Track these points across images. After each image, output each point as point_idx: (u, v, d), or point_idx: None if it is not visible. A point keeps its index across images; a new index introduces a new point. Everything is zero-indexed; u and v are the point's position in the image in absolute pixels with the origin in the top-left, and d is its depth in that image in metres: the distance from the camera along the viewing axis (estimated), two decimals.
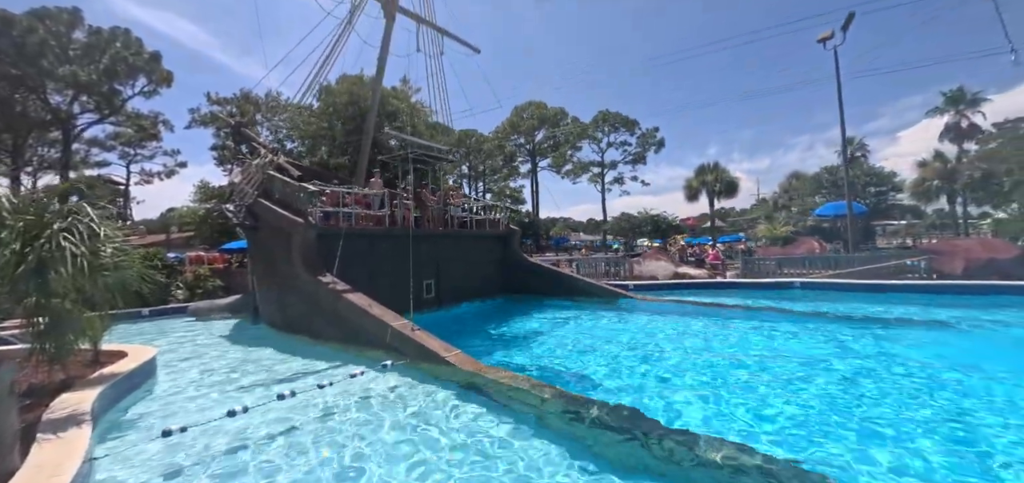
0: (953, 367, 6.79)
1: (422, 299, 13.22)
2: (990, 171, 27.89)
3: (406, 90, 34.38)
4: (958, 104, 35.51)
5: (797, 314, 11.31)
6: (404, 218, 12.96)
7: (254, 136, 18.77)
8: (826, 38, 21.41)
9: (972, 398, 5.60)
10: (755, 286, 16.43)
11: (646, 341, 9.53)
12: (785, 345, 8.67)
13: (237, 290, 17.45)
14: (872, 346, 8.21)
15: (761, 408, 5.53)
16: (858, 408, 5.39)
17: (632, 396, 6.18)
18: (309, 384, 6.45)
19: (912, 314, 10.92)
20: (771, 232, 33.13)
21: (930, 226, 39.66)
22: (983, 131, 34.77)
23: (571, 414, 5.17)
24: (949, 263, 15.20)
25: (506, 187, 56.35)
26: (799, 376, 6.65)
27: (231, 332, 12.11)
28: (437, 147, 16.13)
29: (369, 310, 8.47)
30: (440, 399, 6.01)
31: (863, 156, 40.08)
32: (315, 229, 10.47)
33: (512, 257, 17.15)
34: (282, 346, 9.62)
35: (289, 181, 11.55)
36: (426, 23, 19.05)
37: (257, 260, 12.88)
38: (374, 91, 18.68)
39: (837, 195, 36.39)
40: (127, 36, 30.84)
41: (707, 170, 37.89)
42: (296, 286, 10.25)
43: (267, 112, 35.31)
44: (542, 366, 8.06)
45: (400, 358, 7.52)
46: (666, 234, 51.29)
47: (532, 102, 53.54)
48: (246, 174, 13.19)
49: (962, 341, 8.44)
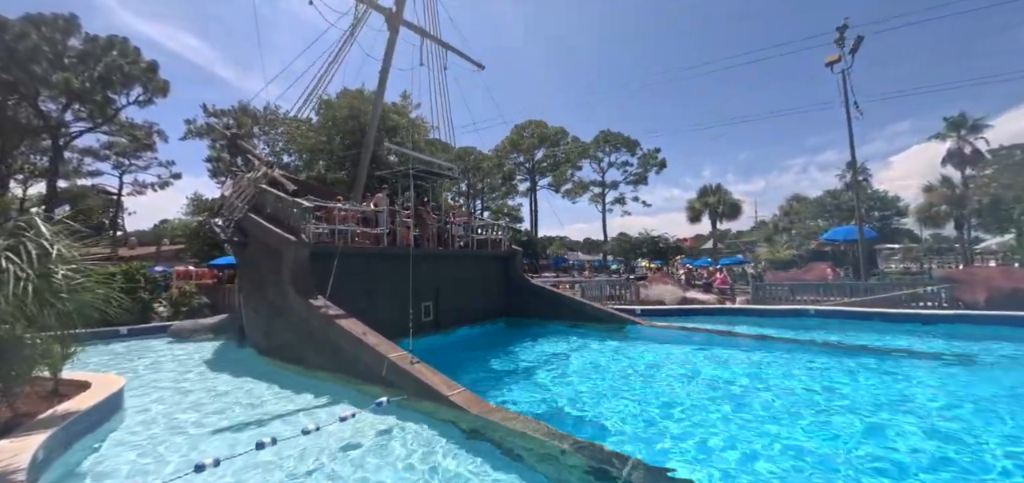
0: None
1: (420, 322, 12.45)
2: (998, 197, 27.56)
3: (406, 105, 33.96)
4: (960, 129, 35.47)
5: (815, 345, 10.59)
6: (403, 237, 12.26)
7: (250, 148, 18.11)
8: (834, 61, 21.16)
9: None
10: (767, 313, 15.72)
11: (664, 375, 8.77)
12: (824, 385, 7.93)
13: (224, 309, 16.60)
14: (907, 384, 7.50)
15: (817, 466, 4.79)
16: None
17: (656, 443, 5.42)
18: (293, 429, 5.65)
19: (939, 346, 10.29)
20: (772, 255, 32.60)
21: (928, 250, 39.32)
22: (985, 157, 34.71)
23: (597, 473, 4.42)
24: (971, 292, 14.57)
25: (504, 205, 55.86)
26: (853, 426, 5.91)
27: (213, 357, 11.25)
28: (439, 163, 15.52)
29: (364, 339, 7.69)
30: (442, 450, 5.22)
31: (866, 180, 39.86)
32: (308, 247, 9.73)
33: (514, 278, 16.43)
34: (268, 376, 8.80)
35: (282, 196, 10.84)
36: (430, 37, 18.60)
37: (245, 279, 12.10)
38: (375, 105, 18.12)
39: (841, 219, 36.03)
40: (124, 45, 30.37)
41: (710, 192, 37.53)
42: (285, 309, 9.47)
43: (265, 125, 34.81)
44: (553, 404, 7.30)
45: (397, 394, 6.74)
46: (665, 255, 50.75)
47: (532, 121, 53.40)
48: (237, 187, 12.49)
49: (991, 378, 7.73)
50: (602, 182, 51.73)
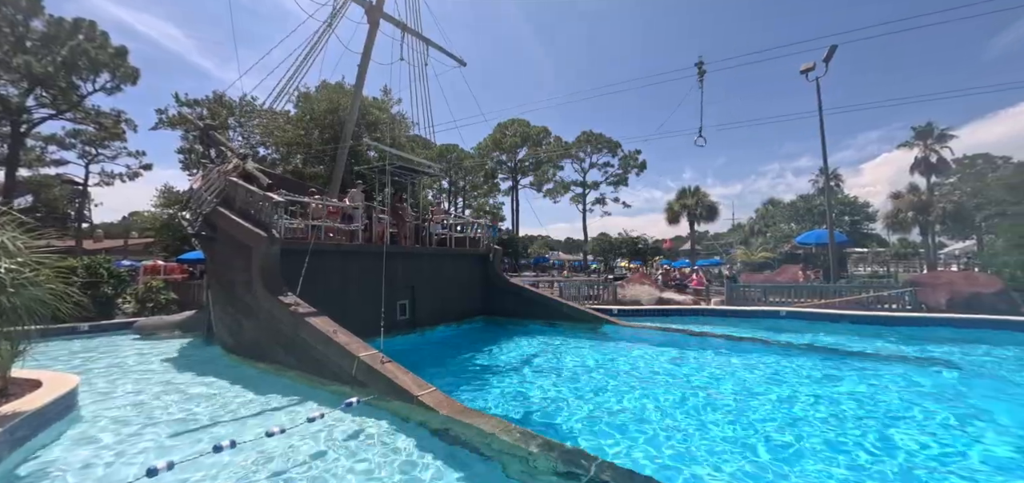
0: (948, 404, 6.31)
1: (396, 321, 12.30)
2: (961, 204, 28.69)
3: (387, 101, 33.52)
4: (927, 139, 36.83)
5: (788, 347, 10.81)
6: (379, 234, 12.07)
7: (223, 140, 17.60)
8: (808, 69, 21.64)
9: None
10: (740, 314, 16.03)
11: (637, 375, 8.83)
12: (784, 384, 8.08)
13: (191, 305, 16.10)
14: (874, 385, 7.71)
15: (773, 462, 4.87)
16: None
17: (627, 444, 5.45)
18: (256, 431, 5.48)
19: (903, 349, 10.66)
20: (748, 257, 33.31)
21: (895, 254, 40.74)
22: (950, 165, 36.14)
23: (564, 473, 4.42)
24: (934, 295, 15.12)
25: (485, 204, 55.72)
26: (809, 424, 6.03)
27: (178, 355, 10.88)
28: (418, 161, 15.35)
29: (334, 337, 7.52)
30: (410, 451, 5.13)
31: (837, 186, 41.02)
32: (279, 243, 9.48)
33: (493, 278, 16.37)
34: (234, 375, 8.55)
35: (253, 190, 10.53)
36: (411, 32, 18.36)
37: (213, 274, 11.74)
38: (354, 98, 17.83)
39: (812, 223, 37.02)
40: (91, 28, 29.15)
41: (688, 194, 38.03)
42: (253, 306, 9.21)
43: (240, 116, 33.89)
44: (526, 404, 7.27)
45: (367, 394, 6.62)
46: (644, 256, 51.38)
47: (515, 120, 53.34)
48: (206, 179, 12.10)
49: (956, 379, 8.02)
50: (583, 182, 52.06)
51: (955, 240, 37.54)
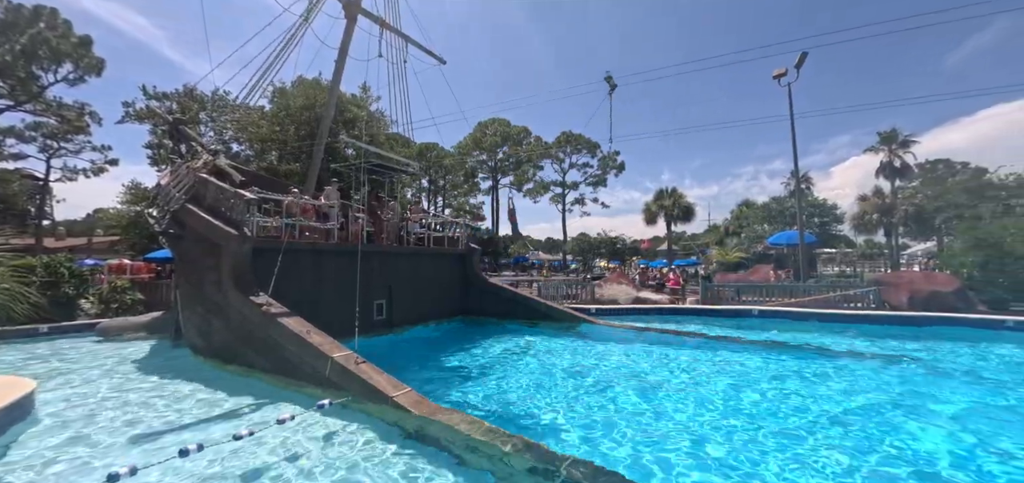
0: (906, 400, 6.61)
1: (372, 321, 12.16)
2: (922, 207, 29.92)
3: (365, 98, 33.07)
4: (891, 143, 38.28)
5: (756, 344, 11.12)
6: (355, 233, 11.91)
7: (194, 135, 17.07)
8: (780, 75, 22.25)
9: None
10: (714, 312, 16.37)
11: (612, 373, 8.93)
12: (754, 380, 8.30)
13: (159, 306, 15.59)
14: (840, 382, 7.99)
15: (736, 453, 5.00)
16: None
17: (600, 442, 5.51)
18: (223, 434, 5.35)
19: (864, 345, 11.07)
20: (723, 257, 34.03)
21: (862, 255, 42.21)
22: (913, 170, 37.66)
23: (538, 471, 4.45)
24: (896, 294, 15.73)
25: (465, 203, 55.53)
26: (775, 418, 6.21)
27: (144, 357, 10.52)
28: (396, 158, 15.20)
29: (307, 338, 7.39)
30: (384, 452, 5.08)
31: (808, 188, 42.25)
32: (250, 241, 9.26)
33: (471, 277, 16.33)
34: (203, 378, 8.31)
35: (223, 186, 10.25)
36: (390, 28, 18.16)
37: (181, 274, 11.39)
38: (330, 95, 17.57)
39: (784, 224, 38.06)
40: (52, 15, 27.91)
41: (665, 195, 38.66)
42: (224, 306, 8.97)
43: (212, 111, 32.93)
44: (503, 403, 7.28)
45: (341, 395, 6.53)
46: (623, 256, 52.02)
47: (496, 119, 53.30)
48: (175, 176, 11.73)
49: (917, 375, 8.38)
50: (563, 182, 52.33)
51: (917, 241, 39.08)
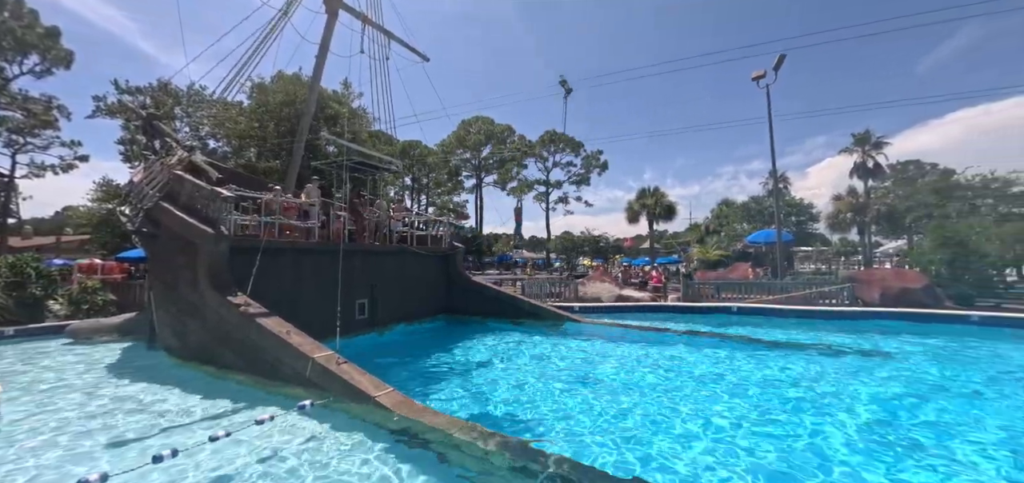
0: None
1: (354, 321, 12.01)
2: (893, 206, 30.89)
3: (347, 94, 32.62)
4: (865, 145, 39.41)
5: (738, 340, 11.34)
6: (337, 231, 11.74)
7: (168, 131, 16.58)
8: (759, 77, 22.69)
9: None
10: (695, 310, 16.63)
11: (595, 371, 9.00)
12: (732, 375, 8.46)
13: (132, 307, 15.12)
14: (819, 375, 8.20)
15: (715, 449, 5.09)
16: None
17: (583, 439, 5.55)
18: (199, 437, 5.22)
19: (839, 341, 11.36)
20: (703, 255, 34.55)
21: (837, 253, 43.38)
22: (885, 170, 38.87)
23: (521, 469, 4.46)
24: (868, 291, 16.21)
25: (449, 201, 55.31)
26: (757, 416, 6.34)
27: (117, 360, 10.20)
28: (378, 156, 15.02)
29: (287, 338, 7.26)
30: (366, 452, 5.03)
31: (785, 188, 43.20)
32: (227, 240, 9.04)
33: (454, 276, 16.26)
34: (179, 380, 8.10)
35: (199, 184, 9.98)
36: (372, 24, 17.92)
37: (155, 274, 11.07)
38: (311, 91, 17.21)
39: (763, 222, 38.86)
40: (17, 5, 26.81)
41: (647, 194, 38.99)
42: (200, 306, 8.74)
43: (188, 106, 32.08)
44: (486, 402, 7.28)
45: (322, 396, 6.43)
46: (606, 254, 52.43)
47: (479, 117, 53.21)
48: (148, 172, 11.39)
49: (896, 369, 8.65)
50: (546, 181, 52.50)
51: (889, 239, 40.30)
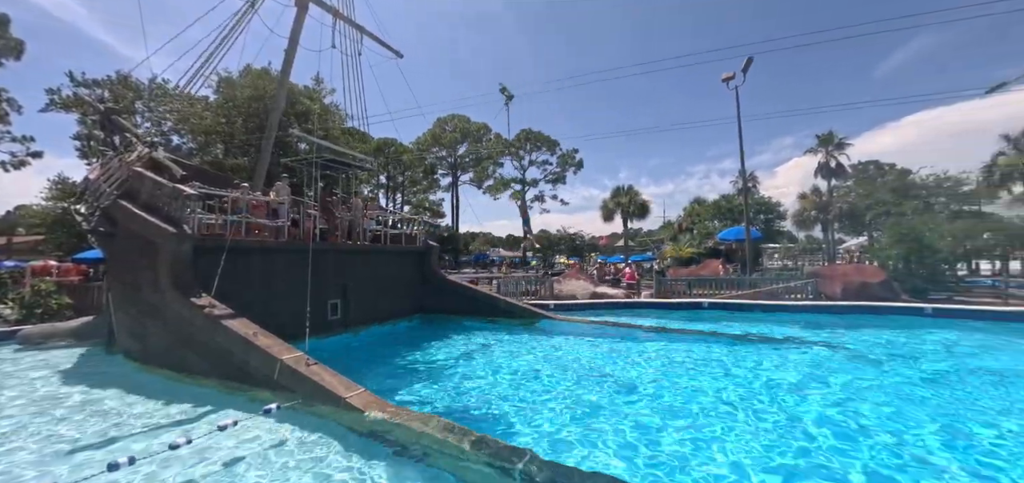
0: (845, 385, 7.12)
1: (326, 321, 11.78)
2: (854, 204, 32.22)
3: (319, 90, 31.93)
4: (828, 145, 40.98)
5: (709, 335, 11.62)
6: (308, 230, 11.48)
7: (128, 126, 15.89)
8: (729, 78, 23.31)
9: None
10: (668, 306, 16.95)
11: (571, 368, 9.07)
12: (700, 369, 8.67)
13: (90, 311, 14.45)
14: (783, 367, 8.49)
15: (694, 446, 5.21)
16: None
17: (559, 436, 5.59)
18: (159, 444, 5.03)
19: (803, 334, 11.80)
20: (676, 252, 35.27)
21: (803, 249, 44.97)
22: (847, 170, 40.54)
23: (496, 468, 4.46)
24: (830, 286, 16.86)
25: (425, 200, 54.85)
26: (723, 408, 6.52)
27: (73, 366, 9.72)
28: (351, 154, 14.76)
29: (254, 340, 7.06)
30: (337, 455, 4.94)
31: (754, 187, 44.45)
32: (191, 240, 8.73)
33: (430, 275, 16.13)
34: (139, 386, 7.78)
35: (161, 181, 9.61)
36: (343, 18, 17.59)
37: (114, 275, 10.60)
38: (280, 86, 16.80)
39: (733, 220, 39.88)
40: None
41: (622, 193, 39.57)
42: (162, 308, 8.42)
43: (150, 100, 30.79)
44: (461, 401, 7.25)
45: (290, 399, 6.28)
46: (582, 252, 52.98)
47: (455, 115, 52.93)
48: (105, 169, 10.90)
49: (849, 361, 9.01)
50: (523, 180, 52.62)
51: (851, 236, 42.01)
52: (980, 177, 29.66)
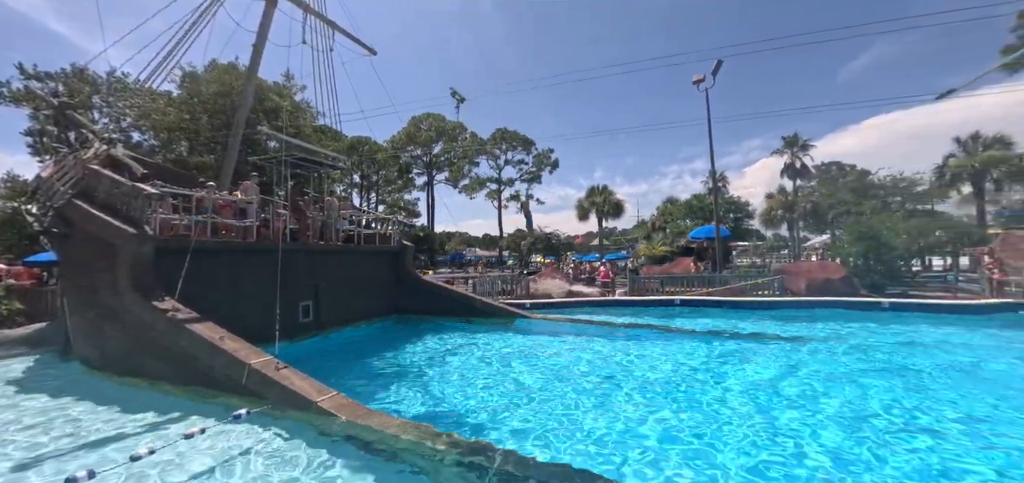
0: None
1: (298, 324, 11.53)
2: (818, 204, 33.52)
3: (289, 87, 31.15)
4: (793, 147, 42.47)
5: (679, 332, 11.91)
6: (277, 230, 11.20)
7: (84, 122, 15.15)
8: (699, 80, 23.86)
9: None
10: (641, 303, 17.25)
11: (544, 366, 9.16)
12: (669, 364, 8.87)
13: (44, 316, 13.73)
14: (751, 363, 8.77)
15: (666, 439, 5.34)
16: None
17: (536, 434, 5.64)
18: (120, 454, 4.83)
19: (768, 328, 12.21)
20: (649, 251, 35.94)
21: (770, 247, 46.48)
22: (811, 171, 42.15)
23: (470, 467, 4.47)
24: (795, 282, 17.49)
25: (400, 199, 54.23)
26: (698, 399, 6.70)
27: (25, 375, 9.22)
28: (322, 152, 14.45)
29: (220, 344, 6.85)
30: (308, 461, 4.85)
31: (723, 186, 45.68)
32: (153, 241, 8.40)
33: (404, 275, 15.96)
34: (98, 394, 7.45)
35: (119, 179, 9.20)
36: (314, 13, 17.18)
37: (70, 278, 10.10)
38: (247, 81, 16.27)
39: (704, 219, 40.90)
40: None
41: (596, 192, 40.11)
42: (121, 313, 8.07)
43: (108, 95, 29.42)
44: (437, 402, 7.22)
45: (259, 404, 6.12)
46: (558, 251, 53.30)
47: (430, 114, 52.47)
48: (59, 167, 10.37)
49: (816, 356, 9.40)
50: (498, 179, 52.61)
51: (815, 234, 43.68)
52: (932, 178, 31.35)
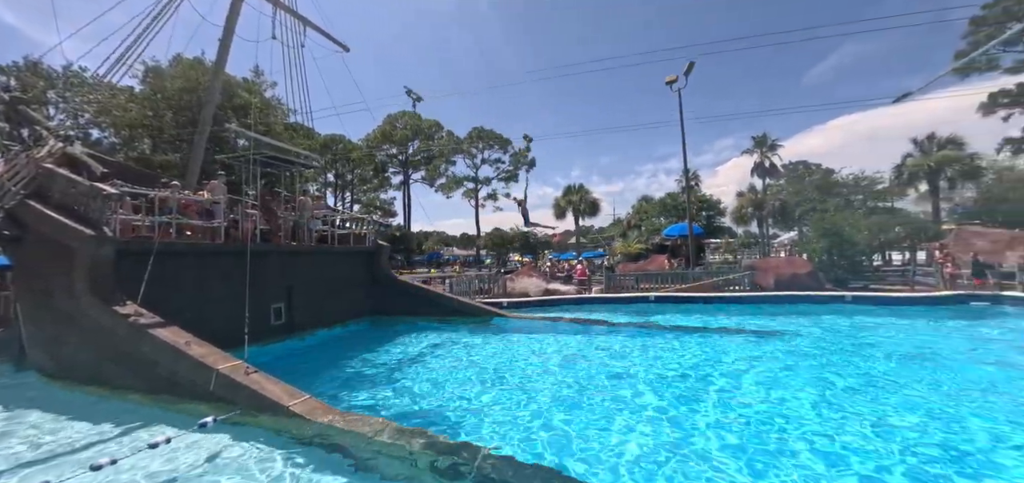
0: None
1: (269, 327, 11.24)
2: (786, 201, 34.65)
3: (259, 83, 30.31)
4: (762, 146, 43.78)
5: (653, 328, 12.16)
6: (247, 231, 10.89)
7: (38, 118, 14.41)
8: (672, 81, 24.32)
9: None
10: (617, 300, 17.52)
11: (520, 365, 9.20)
12: (645, 360, 9.04)
13: None
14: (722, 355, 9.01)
15: (643, 435, 5.43)
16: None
17: (513, 433, 5.66)
18: (79, 466, 4.62)
19: (739, 322, 12.60)
20: (625, 249, 36.47)
21: (741, 244, 47.80)
22: (779, 170, 43.56)
23: (447, 468, 4.45)
24: (765, 278, 18.03)
25: (376, 199, 53.47)
26: (679, 398, 6.84)
27: None
28: (294, 151, 14.12)
29: (186, 350, 6.62)
30: (281, 467, 4.74)
31: (696, 185, 46.70)
32: (113, 243, 8.05)
33: (380, 275, 15.75)
34: (55, 404, 7.10)
35: (75, 178, 8.78)
36: (283, 8, 16.78)
37: (23, 283, 9.58)
38: (214, 77, 15.80)
39: (677, 217, 41.75)
40: None
41: (573, 191, 40.48)
42: (79, 318, 7.71)
43: (65, 90, 28.04)
44: (413, 403, 7.16)
45: (228, 410, 5.94)
46: (536, 250, 53.61)
47: (406, 112, 51.88)
48: (11, 167, 9.82)
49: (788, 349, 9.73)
50: (475, 178, 52.46)
51: (783, 231, 45.16)
52: (891, 177, 32.82)
